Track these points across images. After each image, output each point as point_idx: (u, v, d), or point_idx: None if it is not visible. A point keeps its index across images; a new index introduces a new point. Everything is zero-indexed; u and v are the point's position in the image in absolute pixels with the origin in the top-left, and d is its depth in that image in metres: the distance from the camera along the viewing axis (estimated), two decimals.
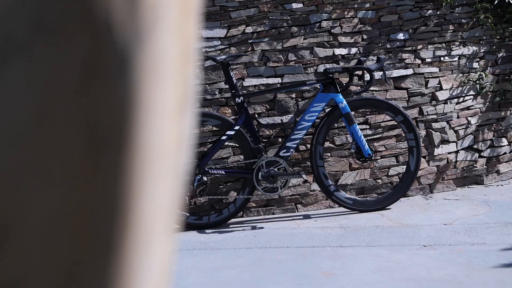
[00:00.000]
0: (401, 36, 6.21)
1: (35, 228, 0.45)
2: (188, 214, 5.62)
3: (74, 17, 0.43)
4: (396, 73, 6.17)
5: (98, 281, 0.45)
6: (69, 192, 0.45)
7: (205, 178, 5.52)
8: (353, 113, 5.80)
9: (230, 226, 5.63)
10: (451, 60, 6.33)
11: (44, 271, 0.45)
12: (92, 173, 0.45)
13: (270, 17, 5.99)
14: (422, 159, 6.10)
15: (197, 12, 0.51)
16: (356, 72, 5.88)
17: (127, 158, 0.45)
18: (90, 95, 0.44)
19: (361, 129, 5.85)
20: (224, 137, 5.58)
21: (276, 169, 5.59)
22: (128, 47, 0.44)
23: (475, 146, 6.41)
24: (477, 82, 6.40)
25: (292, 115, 5.94)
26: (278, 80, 5.98)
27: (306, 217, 5.78)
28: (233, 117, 5.81)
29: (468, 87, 6.40)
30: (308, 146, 5.90)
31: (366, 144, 5.71)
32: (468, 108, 6.41)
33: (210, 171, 5.58)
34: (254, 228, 5.51)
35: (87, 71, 0.44)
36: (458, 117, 6.36)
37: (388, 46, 6.18)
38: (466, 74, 6.39)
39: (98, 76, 0.44)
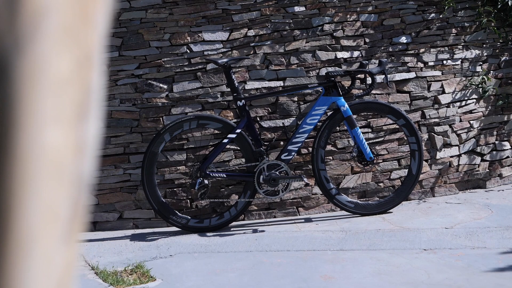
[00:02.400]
0: (403, 39, 6.19)
1: None
2: (190, 217, 5.63)
3: None
4: (398, 76, 6.16)
5: None
6: None
7: (206, 181, 5.52)
8: (355, 116, 5.79)
9: (231, 229, 5.63)
10: (454, 63, 6.31)
11: None
12: None
13: (272, 20, 5.98)
14: (424, 163, 6.08)
15: (102, 18, 0.50)
16: (358, 76, 5.86)
17: (5, 165, 0.44)
18: None
19: (363, 133, 5.83)
20: (225, 140, 5.58)
21: (277, 172, 5.58)
22: (6, 56, 0.44)
23: (477, 150, 6.39)
24: (480, 85, 6.38)
25: (294, 118, 5.94)
26: (280, 83, 5.97)
27: (308, 220, 5.78)
28: (234, 120, 5.81)
29: (470, 90, 6.38)
30: (310, 149, 5.89)
31: (368, 147, 5.71)
32: (470, 111, 6.39)
33: (211, 174, 5.58)
34: (255, 231, 5.51)
35: None
36: (460, 120, 6.33)
37: (390, 49, 6.17)
38: (469, 78, 6.37)
39: None
